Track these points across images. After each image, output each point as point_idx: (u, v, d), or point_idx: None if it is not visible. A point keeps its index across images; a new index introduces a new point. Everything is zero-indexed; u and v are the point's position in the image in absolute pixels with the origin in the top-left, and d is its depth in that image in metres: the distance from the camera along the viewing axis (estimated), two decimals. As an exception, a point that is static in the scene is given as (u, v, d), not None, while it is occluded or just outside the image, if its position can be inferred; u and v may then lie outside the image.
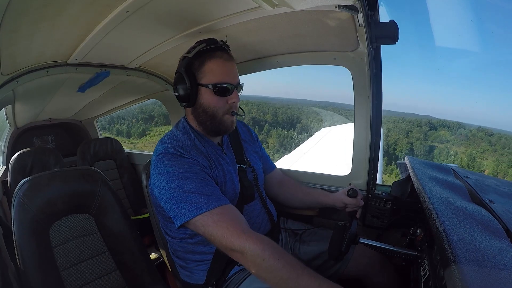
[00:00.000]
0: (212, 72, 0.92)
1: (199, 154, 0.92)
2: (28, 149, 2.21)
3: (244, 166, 1.06)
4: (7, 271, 0.90)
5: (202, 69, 0.92)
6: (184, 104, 0.98)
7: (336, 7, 0.88)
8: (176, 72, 0.97)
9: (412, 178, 1.08)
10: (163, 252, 1.18)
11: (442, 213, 0.72)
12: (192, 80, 0.92)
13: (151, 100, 2.26)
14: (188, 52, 0.94)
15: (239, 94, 0.97)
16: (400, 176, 1.39)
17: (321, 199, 1.20)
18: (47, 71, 1.25)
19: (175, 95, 0.97)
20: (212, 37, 0.96)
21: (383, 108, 1.21)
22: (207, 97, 0.93)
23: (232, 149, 1.08)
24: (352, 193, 1.10)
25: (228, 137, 1.10)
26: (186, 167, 0.86)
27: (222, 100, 0.94)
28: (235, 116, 0.98)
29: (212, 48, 0.93)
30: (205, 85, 0.92)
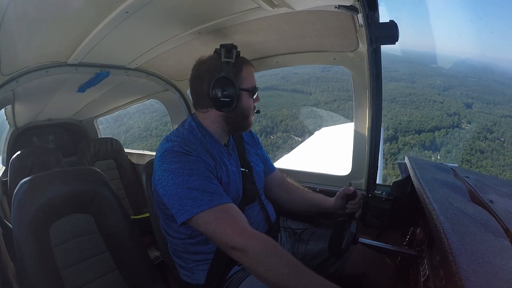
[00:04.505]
0: (248, 76, 0.97)
1: (205, 153, 0.93)
2: (28, 149, 2.21)
3: (247, 170, 1.07)
4: (7, 271, 0.90)
5: (241, 75, 0.95)
6: (223, 109, 0.94)
7: (336, 7, 0.89)
8: (219, 78, 0.91)
9: (412, 178, 1.08)
10: (163, 252, 1.18)
11: (442, 213, 0.72)
12: (237, 85, 0.93)
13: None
14: (228, 57, 0.91)
15: None
16: (400, 175, 1.39)
17: (320, 203, 1.20)
18: (47, 71, 1.25)
19: (219, 100, 0.91)
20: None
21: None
22: (246, 101, 0.97)
23: (236, 151, 1.09)
24: (351, 194, 1.10)
25: (233, 139, 1.11)
26: (191, 164, 0.86)
27: (252, 101, 1.00)
28: None
29: (238, 53, 0.96)
30: (246, 90, 0.96)
